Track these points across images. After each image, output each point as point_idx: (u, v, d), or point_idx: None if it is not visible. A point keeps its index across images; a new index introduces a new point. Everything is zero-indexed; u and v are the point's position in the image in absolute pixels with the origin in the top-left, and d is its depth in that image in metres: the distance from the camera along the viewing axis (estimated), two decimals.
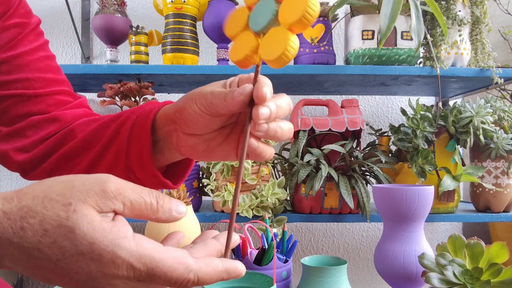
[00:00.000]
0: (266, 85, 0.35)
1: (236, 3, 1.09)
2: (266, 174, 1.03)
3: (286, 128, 0.38)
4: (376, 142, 1.15)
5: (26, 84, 0.54)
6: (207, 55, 1.36)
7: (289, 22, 0.33)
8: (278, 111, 0.36)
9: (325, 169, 0.96)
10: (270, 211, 1.00)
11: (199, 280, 0.31)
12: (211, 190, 1.04)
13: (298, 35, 0.35)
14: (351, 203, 0.97)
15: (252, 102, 0.36)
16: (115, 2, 1.15)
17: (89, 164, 0.50)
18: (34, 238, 0.28)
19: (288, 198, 1.06)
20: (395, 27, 0.99)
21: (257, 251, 0.83)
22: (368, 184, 1.04)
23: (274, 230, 0.95)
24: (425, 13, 1.02)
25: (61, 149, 0.52)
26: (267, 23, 0.34)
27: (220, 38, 1.08)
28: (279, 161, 1.10)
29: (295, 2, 0.32)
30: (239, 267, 0.33)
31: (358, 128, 1.04)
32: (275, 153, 1.08)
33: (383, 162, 1.02)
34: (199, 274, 0.31)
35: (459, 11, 1.02)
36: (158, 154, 0.47)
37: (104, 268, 0.29)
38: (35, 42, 0.55)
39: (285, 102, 0.37)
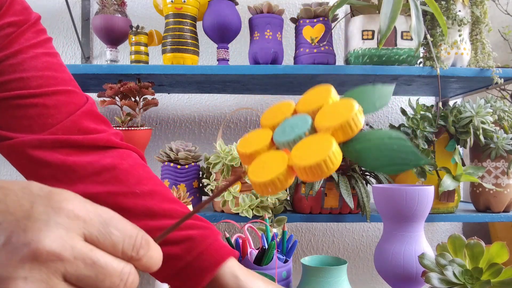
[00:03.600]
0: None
1: (236, 3, 1.09)
2: None
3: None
4: None
5: (20, 84, 0.48)
6: (207, 55, 1.36)
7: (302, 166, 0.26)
8: None
9: None
10: (270, 211, 1.00)
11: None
12: (211, 190, 1.04)
13: (298, 35, 0.33)
14: (351, 203, 0.97)
15: None
16: (115, 2, 1.15)
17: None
18: None
19: (288, 198, 1.06)
20: (395, 27, 0.99)
21: (257, 251, 0.83)
22: (368, 184, 1.04)
23: (274, 230, 0.95)
24: (425, 13, 1.02)
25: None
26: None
27: (220, 38, 1.08)
28: None
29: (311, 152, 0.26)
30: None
31: None
32: None
33: None
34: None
35: (459, 11, 1.02)
36: None
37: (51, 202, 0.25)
38: (33, 39, 0.50)
39: None
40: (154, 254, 0.27)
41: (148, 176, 0.53)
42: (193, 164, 1.06)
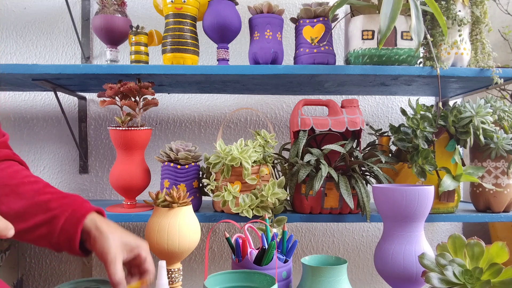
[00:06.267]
0: None
1: (236, 3, 1.09)
2: (266, 174, 1.03)
3: None
4: (376, 142, 1.15)
5: None
6: (207, 55, 1.36)
7: None
8: None
9: (325, 169, 0.96)
10: (270, 211, 1.00)
11: None
12: (211, 190, 1.04)
13: (298, 35, 0.33)
14: (351, 203, 0.97)
15: None
16: (115, 2, 1.15)
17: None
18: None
19: (288, 198, 1.06)
20: (395, 27, 0.99)
21: (257, 251, 0.83)
22: (368, 184, 1.04)
23: (274, 230, 0.95)
24: (425, 13, 1.02)
25: None
26: None
27: (220, 38, 1.08)
28: (279, 161, 1.10)
29: None
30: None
31: (358, 128, 1.04)
32: (275, 153, 1.08)
33: (383, 162, 1.02)
34: None
35: (459, 11, 1.02)
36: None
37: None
38: None
39: None
40: None
41: (31, 175, 0.69)
42: (193, 164, 1.06)
